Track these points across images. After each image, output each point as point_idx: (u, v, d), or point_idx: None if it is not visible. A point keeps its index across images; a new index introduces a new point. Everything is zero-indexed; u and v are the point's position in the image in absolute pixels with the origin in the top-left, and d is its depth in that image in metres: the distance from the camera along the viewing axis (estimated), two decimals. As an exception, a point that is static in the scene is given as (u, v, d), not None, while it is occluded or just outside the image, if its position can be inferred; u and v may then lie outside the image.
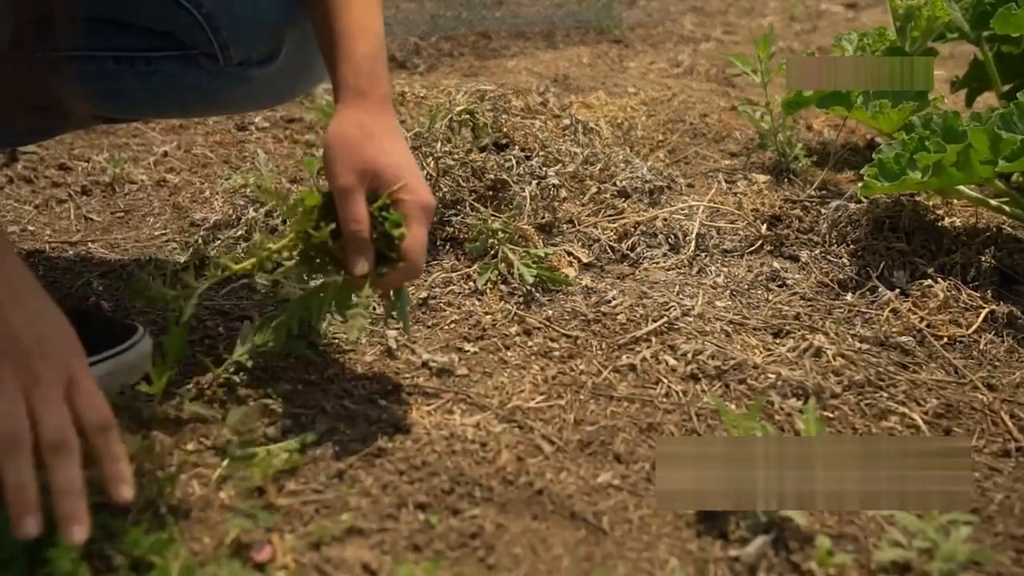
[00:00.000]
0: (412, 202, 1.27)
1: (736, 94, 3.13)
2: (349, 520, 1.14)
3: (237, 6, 1.35)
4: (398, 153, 1.30)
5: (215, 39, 1.37)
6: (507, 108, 2.19)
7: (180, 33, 1.37)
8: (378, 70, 1.32)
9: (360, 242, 1.27)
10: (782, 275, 1.80)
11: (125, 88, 1.44)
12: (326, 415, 1.34)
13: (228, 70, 1.40)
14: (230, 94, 1.45)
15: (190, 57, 1.40)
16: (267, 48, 1.40)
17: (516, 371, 1.47)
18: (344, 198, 1.27)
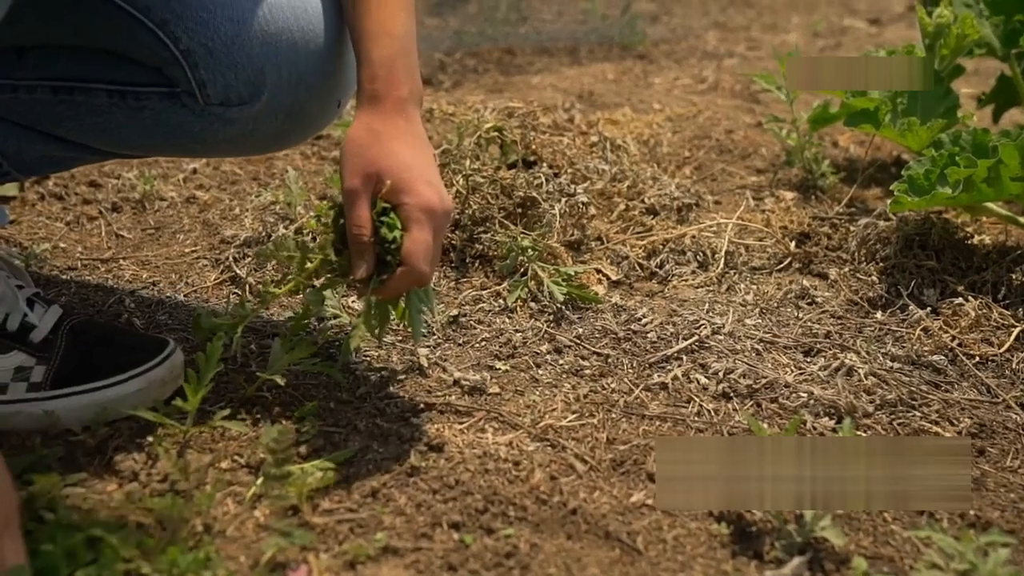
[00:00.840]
0: (412, 205, 1.26)
1: (761, 110, 3.13)
2: (384, 539, 1.14)
3: (215, 44, 1.33)
4: (406, 155, 1.29)
5: (193, 76, 1.34)
6: (535, 125, 2.19)
7: (165, 69, 1.36)
8: (396, 73, 1.32)
9: (360, 246, 1.27)
10: (811, 293, 1.80)
11: (116, 124, 1.41)
12: (359, 433, 1.34)
13: (208, 109, 1.38)
14: (215, 134, 1.42)
15: (175, 95, 1.38)
16: (246, 88, 1.37)
17: (548, 389, 1.48)
18: (347, 201, 1.27)
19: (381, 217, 1.27)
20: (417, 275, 1.27)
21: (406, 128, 1.31)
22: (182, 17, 1.32)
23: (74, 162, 1.59)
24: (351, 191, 1.27)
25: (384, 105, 1.30)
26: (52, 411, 1.29)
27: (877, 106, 2.05)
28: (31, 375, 1.31)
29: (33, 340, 1.32)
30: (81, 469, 1.24)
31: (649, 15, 4.98)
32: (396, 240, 1.26)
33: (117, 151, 1.54)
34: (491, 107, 2.33)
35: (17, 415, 1.30)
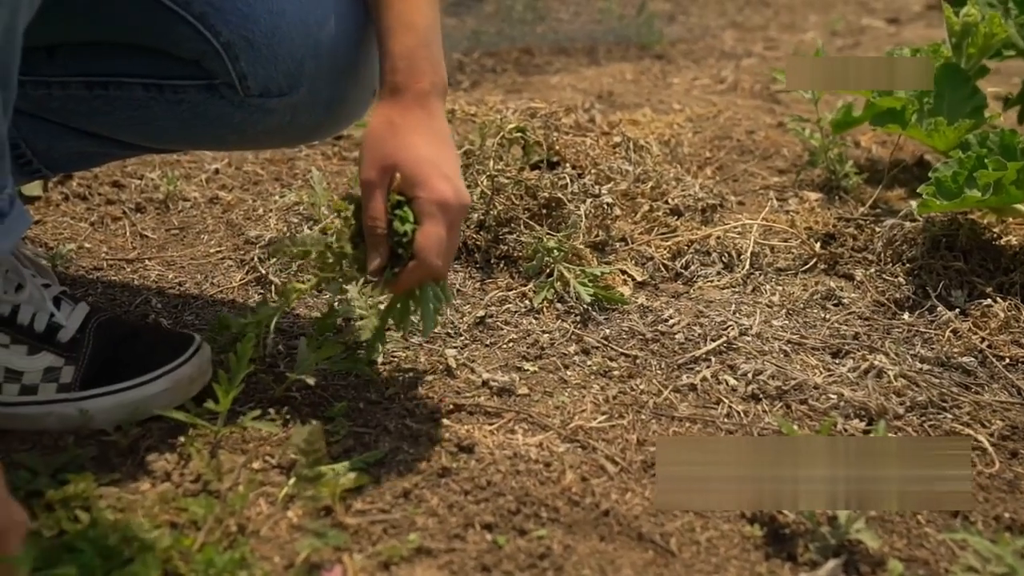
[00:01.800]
0: (426, 199, 1.25)
1: (782, 111, 3.12)
2: (417, 540, 1.14)
3: (255, 36, 1.34)
4: (424, 148, 1.28)
5: (233, 68, 1.35)
6: (558, 126, 2.19)
7: (203, 62, 1.37)
8: (418, 65, 1.31)
9: (374, 238, 1.27)
10: (838, 294, 1.79)
11: (154, 117, 1.42)
12: (389, 434, 1.34)
13: (248, 100, 1.39)
14: (254, 126, 1.43)
15: (214, 87, 1.39)
16: (286, 79, 1.38)
17: (576, 390, 1.47)
18: (363, 193, 1.28)
19: (395, 210, 1.27)
20: (429, 269, 1.27)
21: (426, 121, 1.30)
22: (222, 10, 1.32)
23: (104, 158, 1.59)
24: (367, 183, 1.27)
25: (404, 97, 1.30)
26: (86, 411, 1.29)
27: (904, 106, 2.04)
28: (60, 375, 1.31)
29: (61, 340, 1.32)
30: (114, 469, 1.25)
31: (665, 15, 4.96)
32: (407, 233, 1.26)
33: (151, 145, 1.54)
34: (513, 107, 2.34)
35: (49, 416, 1.31)
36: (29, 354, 1.30)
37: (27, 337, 1.30)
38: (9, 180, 1.16)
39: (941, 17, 4.90)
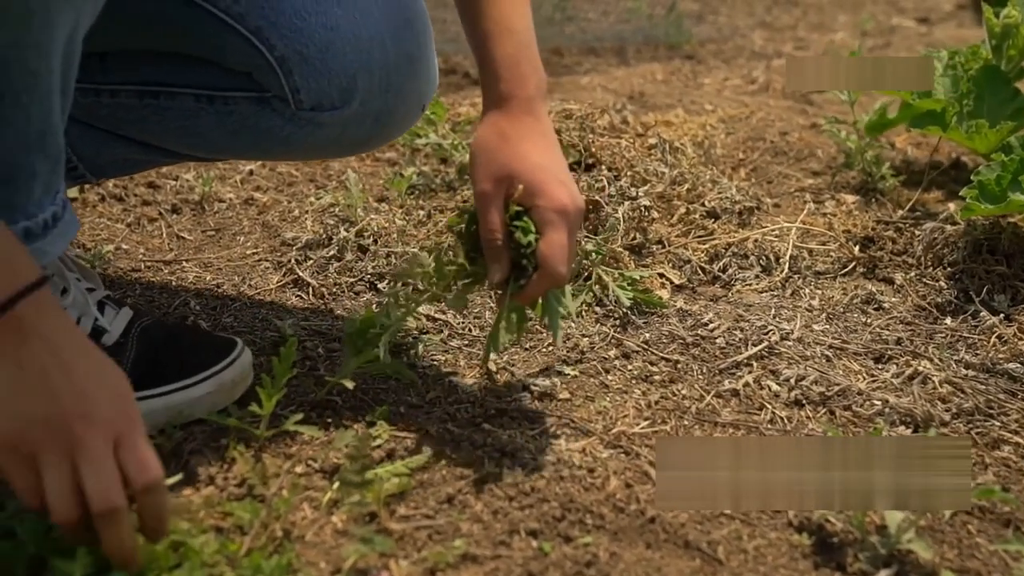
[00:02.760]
0: (544, 207, 1.25)
1: (815, 112, 3.10)
2: (463, 546, 1.13)
3: (310, 51, 1.34)
4: (537, 156, 1.28)
5: (286, 82, 1.36)
6: (593, 127, 2.18)
7: (256, 75, 1.38)
8: (522, 71, 1.31)
9: (494, 251, 1.27)
10: (878, 298, 1.78)
11: (203, 127, 1.43)
12: (431, 439, 1.34)
13: (299, 114, 1.39)
14: (303, 139, 1.44)
15: (265, 100, 1.40)
16: (338, 94, 1.38)
17: (618, 395, 1.46)
18: (480, 206, 1.27)
19: (515, 221, 1.26)
20: (555, 277, 1.26)
21: (535, 127, 1.30)
22: (277, 24, 1.32)
23: (148, 164, 1.60)
24: (483, 195, 1.26)
25: (511, 106, 1.30)
26: (130, 414, 1.29)
27: (944, 108, 2.03)
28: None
29: (105, 344, 1.32)
30: (158, 473, 1.24)
31: (694, 14, 4.94)
32: (531, 244, 1.25)
33: (197, 154, 1.55)
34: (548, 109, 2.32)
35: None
36: (74, 357, 1.30)
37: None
38: (62, 185, 1.17)
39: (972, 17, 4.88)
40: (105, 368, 1.01)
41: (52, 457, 0.95)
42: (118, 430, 0.98)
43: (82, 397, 0.97)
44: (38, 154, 1.12)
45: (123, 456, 0.97)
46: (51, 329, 0.98)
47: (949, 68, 2.24)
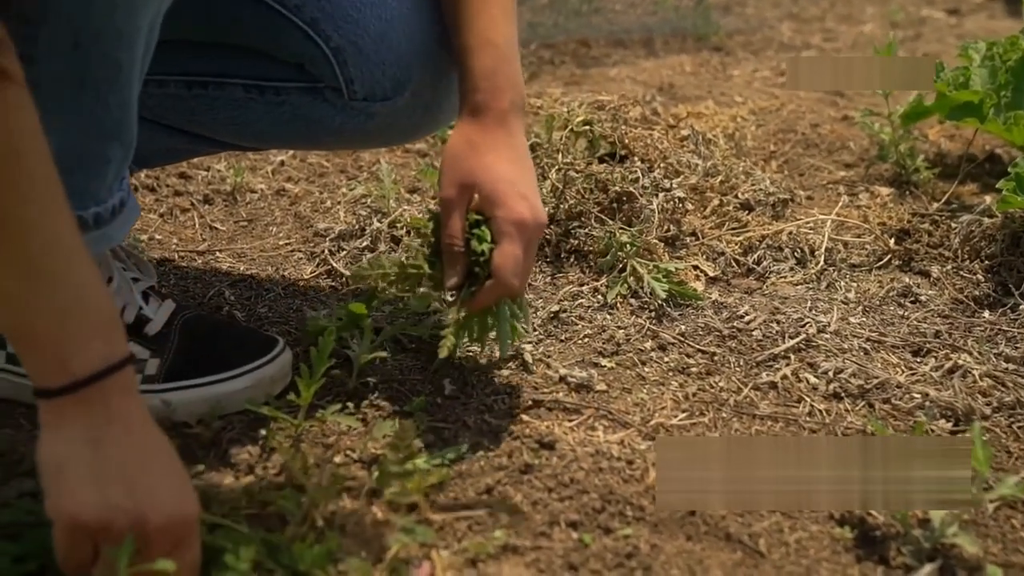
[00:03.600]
0: (503, 218, 1.26)
1: (845, 104, 3.08)
2: (503, 537, 1.13)
3: (365, 42, 1.35)
4: (502, 168, 1.28)
5: (341, 73, 1.37)
6: (626, 119, 2.17)
7: (309, 65, 1.38)
8: (498, 83, 1.30)
9: (452, 256, 1.28)
10: (914, 291, 1.76)
11: (253, 117, 1.44)
12: (468, 430, 1.34)
13: (352, 104, 1.40)
14: (354, 128, 1.45)
15: (317, 90, 1.41)
16: (392, 85, 1.39)
17: (655, 387, 1.46)
18: (443, 211, 1.29)
19: (473, 229, 1.28)
20: (505, 288, 1.27)
21: (505, 140, 1.30)
22: (332, 16, 1.34)
23: (192, 154, 1.60)
24: (446, 201, 1.28)
25: (485, 117, 1.29)
26: (169, 401, 1.29)
27: (981, 99, 2.01)
28: (146, 367, 1.31)
29: (148, 333, 1.33)
30: (198, 461, 1.25)
31: (721, 6, 4.92)
32: (484, 253, 1.27)
33: (244, 144, 1.55)
34: (579, 100, 2.32)
35: (132, 407, 1.31)
36: (117, 346, 1.30)
37: (116, 330, 1.30)
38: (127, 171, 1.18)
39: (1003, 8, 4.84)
40: (176, 467, 1.00)
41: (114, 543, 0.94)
42: (181, 535, 0.97)
43: (158, 496, 0.96)
44: (114, 142, 1.13)
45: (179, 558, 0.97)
46: (133, 416, 0.98)
47: (987, 59, 2.21)
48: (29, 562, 1.02)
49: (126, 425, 0.96)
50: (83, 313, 0.95)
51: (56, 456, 0.95)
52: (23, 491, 1.15)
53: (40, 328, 0.94)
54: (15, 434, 1.28)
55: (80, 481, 0.94)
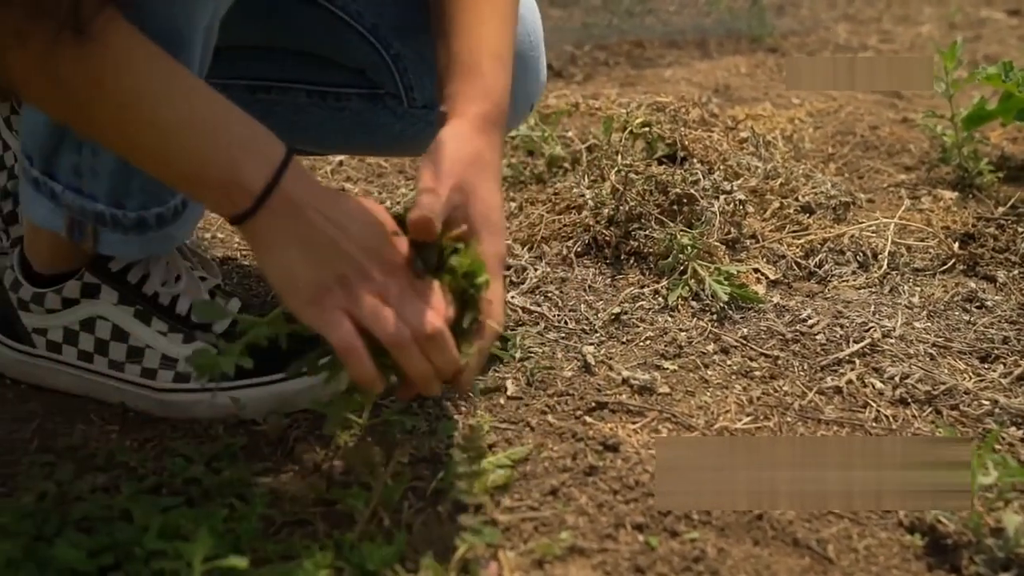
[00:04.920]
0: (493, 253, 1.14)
1: (904, 106, 3.05)
2: (569, 538, 1.13)
3: (425, 50, 1.35)
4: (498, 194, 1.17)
5: (401, 80, 1.38)
6: (685, 120, 2.16)
7: (370, 72, 1.39)
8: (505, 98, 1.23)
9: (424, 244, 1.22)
10: (980, 296, 1.74)
11: (314, 122, 1.46)
12: (532, 431, 1.34)
13: (411, 111, 1.42)
14: (413, 135, 1.46)
15: (377, 96, 1.42)
16: None
17: (718, 391, 1.45)
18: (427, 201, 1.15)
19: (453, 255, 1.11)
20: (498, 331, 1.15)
21: (499, 161, 1.21)
22: (393, 23, 1.36)
23: None
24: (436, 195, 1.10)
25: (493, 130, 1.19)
26: (238, 399, 1.30)
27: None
28: (214, 365, 1.33)
29: (216, 331, 1.34)
30: (265, 459, 1.26)
31: (775, 6, 4.88)
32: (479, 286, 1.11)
33: (304, 147, 1.57)
34: (637, 101, 2.31)
35: (200, 403, 1.32)
36: (184, 342, 1.32)
37: (184, 326, 1.32)
38: None
39: (1065, 9, 4.74)
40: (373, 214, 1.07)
41: (363, 297, 1.03)
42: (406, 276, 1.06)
43: (371, 249, 1.05)
44: None
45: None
46: (316, 196, 1.04)
47: (1052, 61, 2.18)
48: (104, 556, 1.03)
49: (315, 208, 1.04)
50: (239, 134, 1.04)
51: (278, 265, 1.05)
52: (96, 486, 1.17)
53: (211, 168, 1.02)
54: (87, 429, 1.30)
55: (307, 280, 1.03)
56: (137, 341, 1.32)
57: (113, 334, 1.32)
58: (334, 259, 1.03)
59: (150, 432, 1.30)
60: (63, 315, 1.33)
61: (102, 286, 1.32)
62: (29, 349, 1.36)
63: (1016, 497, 1.19)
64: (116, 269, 1.32)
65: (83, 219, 1.24)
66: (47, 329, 1.34)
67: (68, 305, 1.32)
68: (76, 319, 1.33)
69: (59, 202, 1.23)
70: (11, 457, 1.23)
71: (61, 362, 1.35)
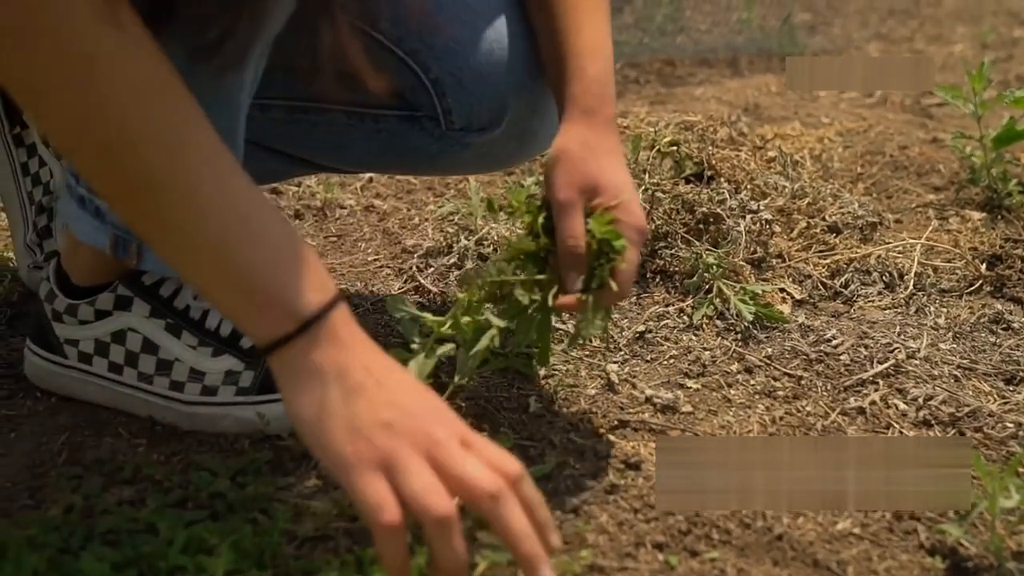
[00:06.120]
0: (627, 223, 1.24)
1: (935, 125, 3.04)
2: (589, 557, 1.14)
3: (464, 74, 1.39)
4: (621, 173, 1.28)
5: (439, 103, 1.41)
6: (713, 140, 2.17)
7: (408, 94, 1.42)
8: (607, 91, 1.32)
9: (576, 258, 1.25)
10: (1007, 318, 1.73)
11: (351, 142, 1.49)
12: (554, 448, 1.35)
13: (448, 134, 1.45)
14: (448, 157, 1.49)
15: (415, 118, 1.45)
16: (489, 116, 1.43)
17: (741, 410, 1.45)
18: (563, 212, 1.25)
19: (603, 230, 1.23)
20: (625, 294, 1.26)
21: (617, 146, 1.31)
22: (433, 47, 1.39)
23: (287, 175, 1.64)
24: (565, 203, 1.24)
25: (597, 120, 1.30)
26: (263, 414, 1.32)
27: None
28: (240, 379, 1.34)
29: (243, 345, 1.36)
30: (289, 474, 1.27)
31: (807, 26, 4.89)
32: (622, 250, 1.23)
33: (341, 167, 1.59)
34: (666, 120, 2.32)
35: (226, 417, 1.34)
36: (213, 356, 1.34)
37: (213, 340, 1.34)
38: None
39: (1099, 28, 4.71)
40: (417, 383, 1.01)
41: (409, 458, 0.91)
42: (463, 431, 0.96)
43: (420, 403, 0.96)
44: None
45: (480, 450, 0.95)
46: (363, 341, 0.98)
47: (1083, 82, 2.17)
48: (128, 569, 1.05)
49: (361, 352, 0.97)
50: (293, 258, 0.97)
51: (307, 407, 0.95)
52: (123, 499, 1.19)
53: (258, 281, 0.96)
54: (115, 443, 1.32)
55: (345, 420, 0.93)
56: (166, 354, 1.34)
57: (143, 347, 1.35)
58: (382, 408, 0.93)
59: (177, 446, 1.32)
60: (95, 327, 1.35)
61: (134, 299, 1.34)
62: (61, 360, 1.38)
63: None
64: (149, 283, 1.34)
65: (128, 237, 1.26)
66: (79, 340, 1.36)
67: (100, 317, 1.35)
68: (108, 331, 1.35)
69: (104, 220, 1.26)
70: (40, 470, 1.25)
71: (91, 373, 1.37)
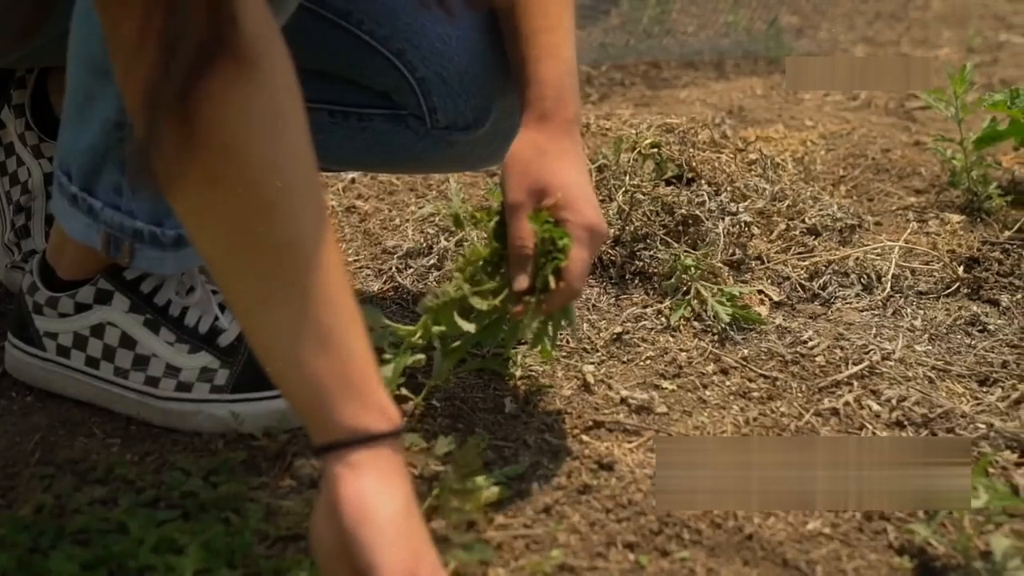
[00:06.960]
0: (575, 222, 1.25)
1: (917, 129, 3.05)
2: (560, 556, 1.14)
3: (449, 74, 1.42)
4: (572, 173, 1.29)
5: (424, 102, 1.43)
6: (694, 142, 2.18)
7: (394, 94, 1.44)
8: (565, 94, 1.33)
9: (524, 259, 1.27)
10: (983, 320, 1.74)
11: (335, 141, 1.50)
12: (528, 448, 1.35)
13: (433, 132, 1.47)
14: (434, 155, 1.51)
15: (400, 117, 1.47)
16: (474, 115, 1.45)
17: (716, 411, 1.46)
18: (512, 215, 1.28)
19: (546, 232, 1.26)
20: (574, 292, 1.27)
21: (571, 148, 1.32)
22: (419, 48, 1.41)
23: None
24: (514, 205, 1.27)
25: (551, 124, 1.31)
26: (238, 413, 1.32)
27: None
28: (215, 377, 1.35)
29: (220, 344, 1.36)
30: (263, 474, 1.28)
31: (793, 29, 4.89)
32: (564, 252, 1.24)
33: (325, 166, 1.59)
34: (648, 122, 2.33)
35: (199, 414, 1.34)
36: (190, 353, 1.34)
37: (191, 337, 1.35)
38: None
39: (1084, 33, 4.73)
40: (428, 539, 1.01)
41: None
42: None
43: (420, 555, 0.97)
44: None
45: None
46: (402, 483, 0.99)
47: (1062, 86, 2.18)
48: (98, 569, 1.05)
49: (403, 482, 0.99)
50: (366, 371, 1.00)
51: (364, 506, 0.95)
52: (95, 498, 1.19)
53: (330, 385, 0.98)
54: (88, 442, 1.32)
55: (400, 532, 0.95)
56: (144, 349, 1.35)
57: (121, 341, 1.35)
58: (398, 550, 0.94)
59: (151, 446, 1.32)
60: (74, 320, 1.35)
61: (115, 293, 1.34)
62: (39, 352, 1.38)
63: (1005, 521, 1.20)
64: (131, 278, 1.34)
65: (121, 235, 1.26)
66: (58, 333, 1.36)
67: (80, 310, 1.35)
68: (87, 324, 1.35)
69: (97, 218, 1.26)
70: (12, 470, 1.26)
71: (68, 367, 1.37)
